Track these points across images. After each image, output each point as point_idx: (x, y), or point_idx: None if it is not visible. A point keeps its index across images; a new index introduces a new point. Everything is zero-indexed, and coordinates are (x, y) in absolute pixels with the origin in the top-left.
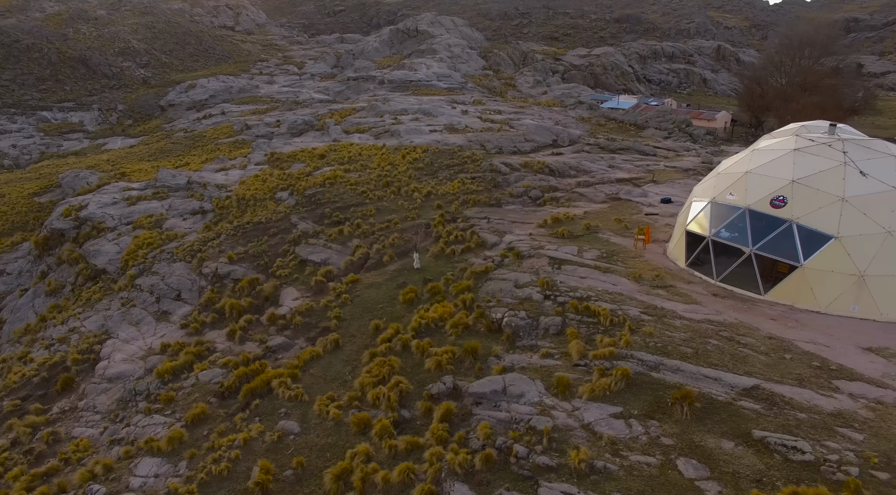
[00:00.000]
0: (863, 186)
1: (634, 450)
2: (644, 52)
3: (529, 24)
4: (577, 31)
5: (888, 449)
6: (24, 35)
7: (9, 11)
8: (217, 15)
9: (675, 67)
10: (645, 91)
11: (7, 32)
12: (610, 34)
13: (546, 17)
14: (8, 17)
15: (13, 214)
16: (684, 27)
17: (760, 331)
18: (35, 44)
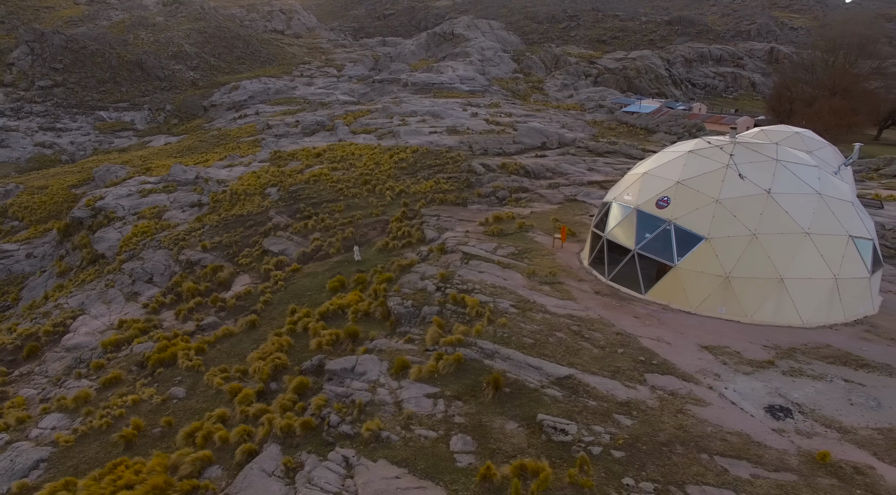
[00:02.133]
0: (738, 189)
1: (423, 425)
2: (690, 55)
3: (577, 26)
4: (626, 33)
5: (642, 432)
6: (90, 41)
7: (81, 20)
8: (271, 19)
9: (722, 71)
10: (681, 95)
11: (77, 39)
12: (660, 37)
13: (595, 19)
14: (80, 26)
15: (51, 204)
16: (744, 29)
17: (614, 327)
18: (99, 49)
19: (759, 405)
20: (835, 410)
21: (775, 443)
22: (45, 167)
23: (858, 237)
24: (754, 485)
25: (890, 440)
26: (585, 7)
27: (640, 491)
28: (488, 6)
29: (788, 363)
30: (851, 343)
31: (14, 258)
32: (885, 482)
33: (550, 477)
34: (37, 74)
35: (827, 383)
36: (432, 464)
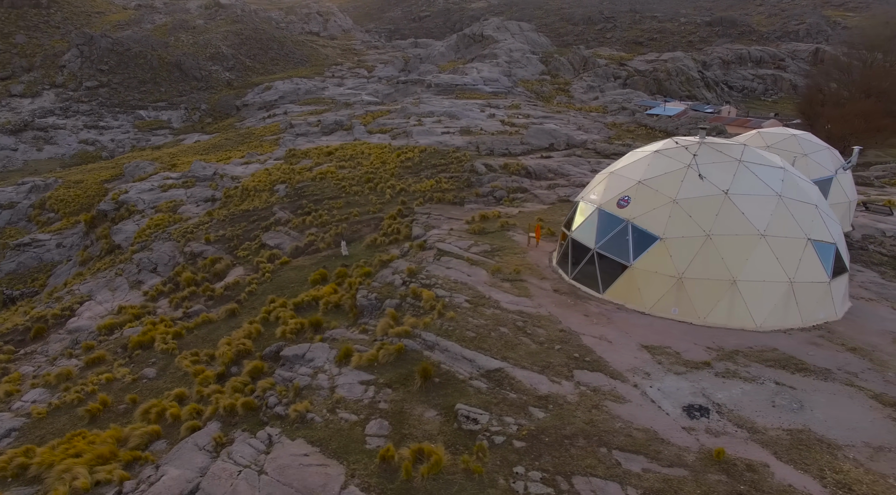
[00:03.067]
0: (696, 189)
1: (348, 410)
2: (728, 56)
3: (614, 28)
4: (664, 35)
5: (551, 425)
6: (134, 44)
7: (127, 24)
8: (308, 22)
9: (761, 73)
10: (713, 98)
11: (122, 42)
12: (699, 38)
13: (632, 21)
14: (126, 30)
15: (84, 197)
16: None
17: (560, 324)
18: (142, 51)
19: (679, 404)
20: (754, 411)
21: (680, 441)
22: (86, 162)
23: (819, 241)
24: (642, 479)
25: (796, 440)
26: (623, 8)
27: (528, 479)
28: (524, 8)
29: (725, 365)
30: (799, 347)
31: (45, 247)
32: (773, 479)
33: (443, 461)
34: (84, 75)
35: (757, 385)
36: (343, 445)
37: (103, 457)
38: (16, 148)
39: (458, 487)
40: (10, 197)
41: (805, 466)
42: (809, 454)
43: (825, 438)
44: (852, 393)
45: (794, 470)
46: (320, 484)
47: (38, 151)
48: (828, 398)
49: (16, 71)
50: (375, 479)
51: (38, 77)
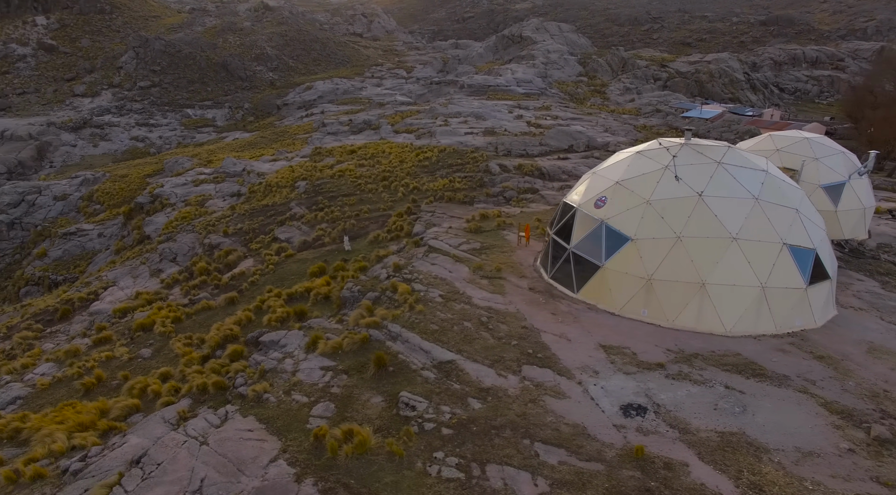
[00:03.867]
0: (671, 190)
1: (302, 392)
2: (780, 57)
3: (661, 28)
4: (714, 35)
5: (483, 416)
6: (185, 46)
7: (180, 27)
8: (353, 23)
9: (816, 74)
10: (758, 100)
11: (174, 44)
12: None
13: (680, 21)
14: (178, 32)
15: (127, 191)
16: (858, 27)
17: (524, 321)
18: (192, 52)
19: (617, 403)
20: (692, 413)
21: (606, 437)
22: (135, 158)
23: (796, 246)
24: (554, 471)
25: (724, 442)
26: (671, 8)
27: (444, 464)
28: (569, 8)
29: (679, 367)
30: (765, 354)
31: (88, 237)
32: (687, 478)
33: (369, 442)
34: (139, 76)
35: (705, 388)
36: (287, 424)
37: (83, 425)
38: (75, 144)
39: (377, 467)
40: (63, 189)
41: (724, 467)
42: (733, 456)
43: (756, 442)
44: (802, 400)
45: (712, 470)
46: (252, 456)
47: (93, 147)
48: (774, 403)
49: (79, 72)
50: (305, 455)
51: (98, 78)
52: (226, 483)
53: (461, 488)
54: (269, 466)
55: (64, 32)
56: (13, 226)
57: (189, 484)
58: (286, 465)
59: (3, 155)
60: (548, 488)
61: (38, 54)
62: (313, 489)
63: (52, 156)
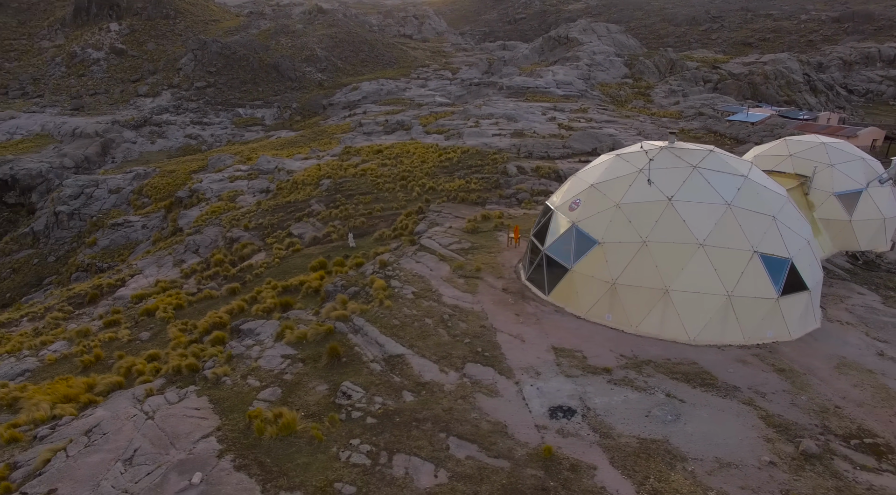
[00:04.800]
0: (641, 194)
1: (256, 377)
2: (851, 56)
3: (720, 28)
4: (779, 34)
5: (410, 408)
6: (239, 48)
7: (236, 30)
8: (404, 25)
9: (893, 74)
10: (817, 103)
11: (230, 46)
12: (822, 37)
13: (742, 20)
14: (234, 35)
15: (173, 185)
16: None
17: (485, 321)
18: (245, 54)
19: (548, 404)
20: (621, 418)
21: (523, 437)
22: (188, 154)
23: (769, 254)
24: (459, 464)
25: (642, 449)
26: (733, 7)
27: (356, 450)
28: (623, 9)
29: (626, 373)
30: (723, 364)
31: (133, 228)
32: (589, 480)
33: (294, 426)
34: (196, 77)
35: (645, 395)
36: (233, 405)
37: (68, 398)
38: (135, 141)
39: (295, 449)
40: (118, 183)
41: (632, 473)
42: (646, 462)
43: (676, 450)
44: (743, 412)
45: (619, 475)
46: (187, 432)
47: (151, 144)
48: (712, 414)
49: (144, 74)
50: (235, 434)
51: (160, 79)
52: (155, 454)
53: (363, 473)
54: (199, 442)
55: (133, 37)
56: (72, 217)
57: (123, 453)
58: (215, 442)
59: (72, 151)
60: (446, 480)
61: (109, 58)
62: (229, 464)
63: (115, 152)
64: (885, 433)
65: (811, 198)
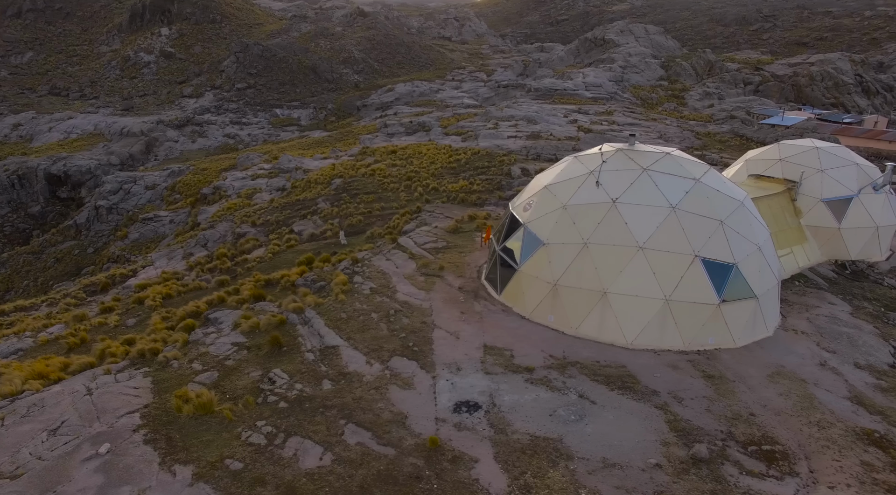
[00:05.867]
0: (588, 196)
1: (201, 362)
2: None
3: (773, 28)
4: (839, 33)
5: (323, 395)
6: (280, 50)
7: (278, 33)
8: (444, 27)
9: None
10: (868, 106)
11: (271, 49)
12: (889, 34)
13: (797, 18)
14: (276, 38)
15: (203, 182)
16: None
17: (429, 317)
18: (285, 56)
19: (456, 399)
20: (524, 416)
21: (420, 428)
22: (226, 153)
23: (711, 260)
24: (346, 449)
25: (532, 446)
26: (789, 5)
27: (258, 431)
28: (669, 9)
29: (546, 373)
30: (652, 369)
31: (162, 222)
32: (465, 472)
33: (210, 405)
34: (237, 78)
35: (557, 395)
36: (169, 386)
37: (41, 375)
38: (177, 140)
39: (206, 427)
40: (154, 180)
41: (511, 468)
42: (529, 459)
43: (566, 449)
44: (652, 416)
45: (498, 469)
46: (116, 407)
47: (192, 143)
48: (618, 416)
49: (189, 76)
50: (158, 412)
51: (204, 81)
52: (79, 426)
53: (255, 452)
54: (122, 417)
55: (181, 41)
56: (111, 211)
57: (51, 425)
58: (137, 418)
59: (119, 149)
60: (329, 463)
61: (159, 61)
62: (140, 438)
63: (158, 150)
64: (789, 441)
65: (798, 205)
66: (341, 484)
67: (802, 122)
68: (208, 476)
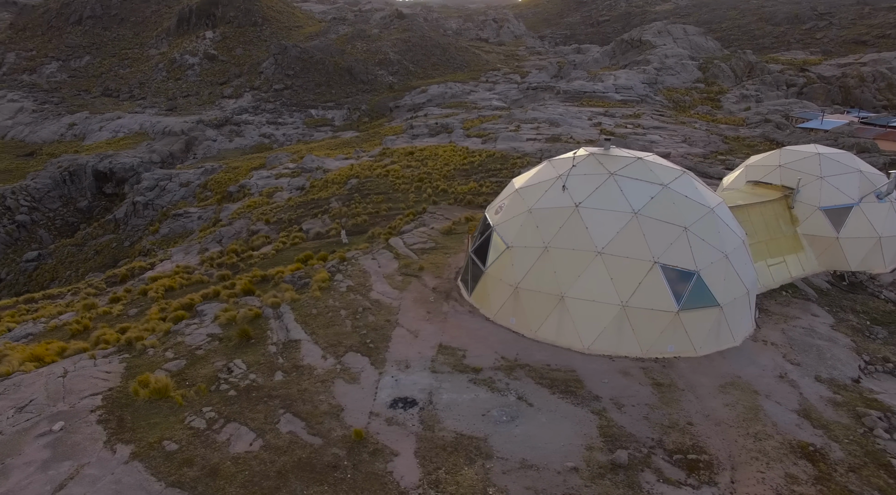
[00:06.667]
0: (553, 200)
1: (175, 350)
2: None
3: (828, 26)
4: None
5: (273, 385)
6: (317, 52)
7: (316, 35)
8: (483, 28)
9: None
10: None
11: (308, 51)
12: None
13: (856, 15)
14: (314, 40)
15: (232, 180)
16: None
17: (394, 316)
18: (322, 58)
19: (395, 395)
20: (456, 415)
21: (351, 420)
22: (259, 152)
23: (671, 266)
24: (277, 436)
25: (455, 443)
26: (846, 1)
27: (202, 416)
28: (715, 9)
29: (494, 374)
30: (602, 375)
31: (191, 218)
32: (381, 465)
33: (167, 390)
34: (275, 80)
35: (496, 396)
36: (139, 371)
37: (37, 357)
38: (215, 139)
39: (157, 410)
40: (188, 177)
41: (427, 463)
42: (448, 456)
43: (488, 448)
44: (585, 420)
45: (415, 463)
46: (82, 389)
47: (229, 142)
48: (551, 419)
49: (230, 77)
50: (119, 394)
51: (243, 82)
52: (44, 405)
53: (193, 435)
54: (85, 398)
55: (224, 43)
56: (147, 207)
57: (20, 403)
58: (99, 400)
59: (161, 147)
60: (257, 449)
61: (202, 63)
62: (95, 418)
63: (196, 149)
64: (720, 451)
65: (795, 212)
66: (261, 469)
67: (842, 126)
68: (144, 455)
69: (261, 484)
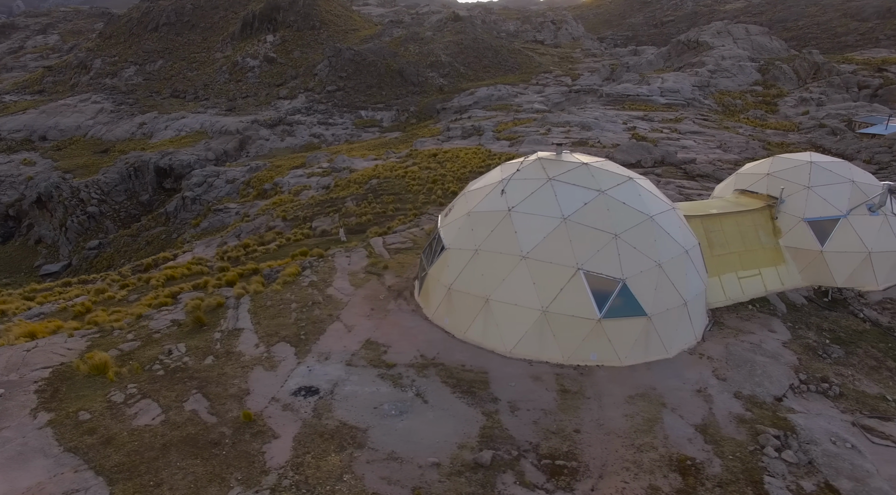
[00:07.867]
0: (491, 204)
1: (136, 333)
2: None
3: None
4: None
5: (200, 369)
6: (370, 54)
7: (370, 38)
8: (540, 30)
9: None
10: None
11: (361, 53)
12: None
13: None
14: (369, 43)
15: (273, 178)
16: None
17: (338, 311)
18: (374, 60)
19: (302, 384)
20: (350, 406)
21: (252, 404)
22: (308, 151)
23: (595, 273)
24: (179, 413)
25: (333, 431)
26: None
27: (124, 391)
28: (791, 6)
29: (403, 370)
30: (510, 378)
31: (229, 213)
32: (258, 445)
33: (106, 368)
34: (328, 81)
35: (396, 390)
36: (98, 348)
37: (31, 333)
38: (268, 138)
39: (89, 384)
40: (234, 174)
41: (300, 447)
42: (322, 442)
43: (364, 438)
44: (472, 420)
45: (290, 446)
46: (37, 361)
47: (280, 141)
48: (440, 416)
49: (286, 79)
50: (66, 368)
51: (298, 83)
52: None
53: (107, 408)
54: (36, 370)
55: (283, 47)
56: (195, 202)
57: None
58: (48, 373)
59: (216, 146)
60: (157, 423)
61: (262, 65)
62: (34, 387)
63: (250, 147)
64: (593, 460)
65: (779, 223)
66: (150, 441)
67: None
68: (58, 422)
69: (143, 454)
